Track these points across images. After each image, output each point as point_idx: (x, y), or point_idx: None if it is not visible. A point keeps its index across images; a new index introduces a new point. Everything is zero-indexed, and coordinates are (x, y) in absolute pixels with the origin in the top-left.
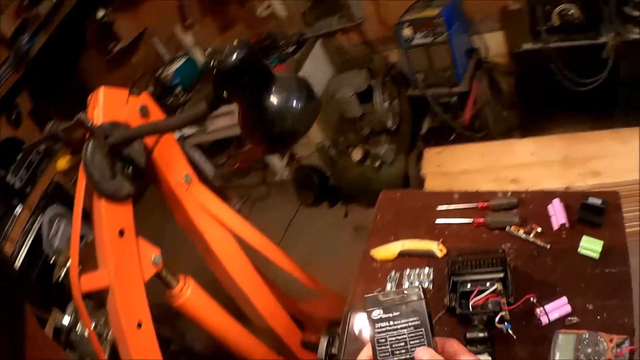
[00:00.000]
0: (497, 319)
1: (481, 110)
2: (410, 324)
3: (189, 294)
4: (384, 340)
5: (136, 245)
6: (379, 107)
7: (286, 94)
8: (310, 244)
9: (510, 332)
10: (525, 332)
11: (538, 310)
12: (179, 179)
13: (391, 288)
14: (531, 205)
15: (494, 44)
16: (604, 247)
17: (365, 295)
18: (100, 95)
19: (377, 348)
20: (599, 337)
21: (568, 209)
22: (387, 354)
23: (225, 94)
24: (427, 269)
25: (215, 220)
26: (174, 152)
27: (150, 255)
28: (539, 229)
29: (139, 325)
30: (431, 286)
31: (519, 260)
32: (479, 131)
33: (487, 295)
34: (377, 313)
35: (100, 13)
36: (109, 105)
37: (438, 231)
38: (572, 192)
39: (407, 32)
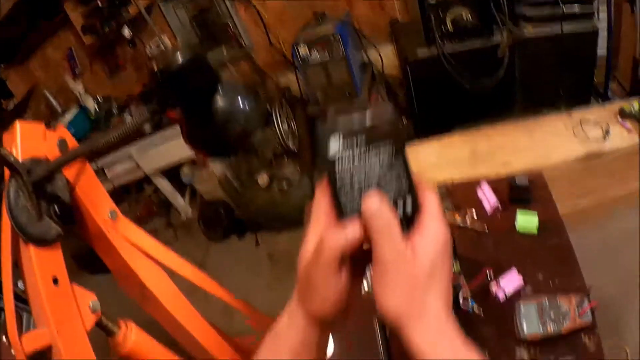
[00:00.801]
0: (461, 300)
1: None
2: (382, 153)
3: (134, 339)
4: (348, 184)
5: (72, 293)
6: (279, 130)
7: (235, 95)
8: (230, 280)
9: (477, 310)
10: (486, 311)
11: (494, 288)
12: (105, 216)
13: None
14: (460, 193)
15: (384, 57)
16: (540, 222)
17: (316, 122)
18: (17, 130)
19: (340, 191)
20: (558, 301)
21: (496, 192)
22: (355, 202)
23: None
24: None
25: (146, 255)
26: (96, 187)
27: (88, 302)
28: (474, 213)
29: None
30: None
31: (461, 247)
32: None
33: None
34: (335, 146)
35: None
36: (27, 141)
37: None
38: (497, 178)
39: (303, 51)
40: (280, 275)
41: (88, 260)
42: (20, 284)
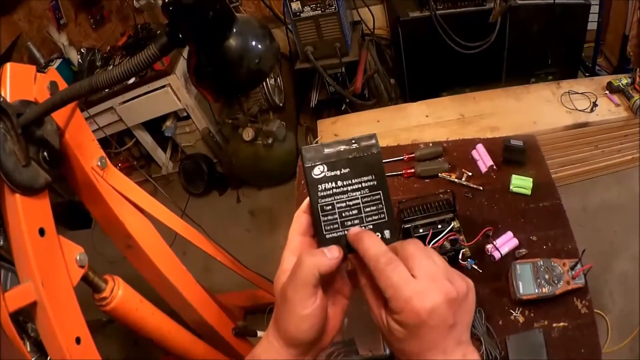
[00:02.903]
0: (460, 256)
1: (371, 78)
2: (364, 184)
3: (120, 295)
4: (330, 207)
5: (59, 245)
6: (266, 85)
7: (250, 32)
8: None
9: (475, 267)
10: (481, 269)
11: (489, 247)
12: (94, 163)
13: None
14: (455, 152)
15: (375, 17)
16: (533, 183)
17: (302, 147)
18: (8, 71)
19: (322, 218)
20: (552, 263)
21: (490, 153)
22: (336, 225)
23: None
24: None
25: (134, 206)
26: (86, 134)
27: (75, 254)
28: (470, 173)
29: (78, 340)
30: None
31: (457, 205)
32: (369, 99)
33: (446, 235)
34: (320, 170)
35: None
36: (17, 83)
37: None
38: (491, 139)
39: (295, 5)
40: (260, 231)
41: (67, 216)
42: (0, 240)
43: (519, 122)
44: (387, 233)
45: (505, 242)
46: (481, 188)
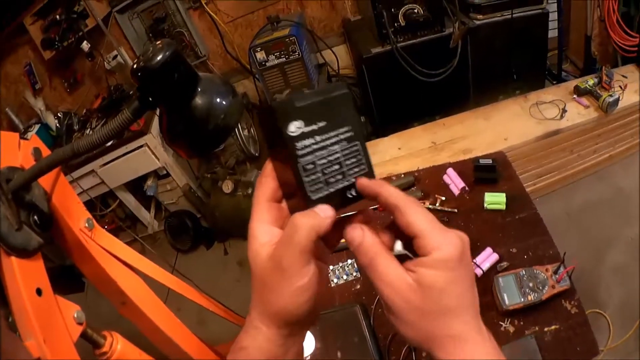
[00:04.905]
0: None
1: None
2: (342, 137)
3: (119, 349)
4: (312, 165)
5: (56, 304)
6: (240, 136)
7: (214, 90)
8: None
9: None
10: None
11: None
12: (82, 225)
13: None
14: (427, 180)
15: (339, 57)
16: (507, 198)
17: (272, 103)
18: None
19: (305, 178)
20: (535, 271)
21: (462, 175)
22: (320, 184)
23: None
24: (349, 260)
25: (124, 264)
26: (71, 197)
27: (72, 312)
28: (443, 198)
29: None
30: (359, 275)
31: None
32: None
33: None
34: (295, 127)
35: None
36: (3, 150)
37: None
38: (461, 161)
39: (260, 55)
40: (250, 280)
41: (59, 280)
42: None
43: (490, 140)
44: None
45: (486, 258)
46: (456, 210)
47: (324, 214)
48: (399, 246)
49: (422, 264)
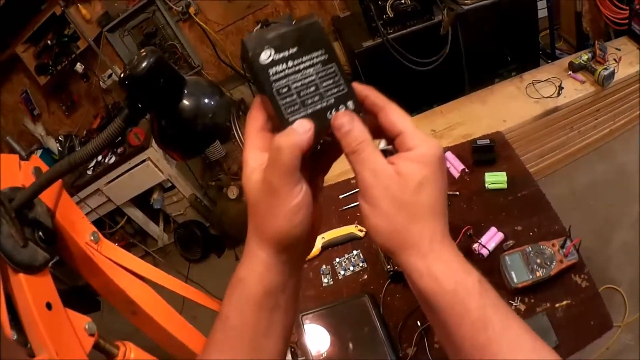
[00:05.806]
0: None
1: None
2: (316, 60)
3: (133, 358)
4: (286, 89)
5: (67, 317)
6: (241, 141)
7: (200, 91)
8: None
9: None
10: None
11: (476, 246)
12: (87, 239)
13: (328, 282)
14: None
15: None
16: (507, 177)
17: (242, 39)
18: None
19: (280, 101)
20: (541, 246)
21: (460, 158)
22: (296, 106)
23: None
24: (354, 252)
25: (132, 274)
26: (75, 212)
27: (83, 324)
28: None
29: None
30: (365, 265)
31: None
32: None
33: None
34: (267, 55)
35: None
36: (4, 171)
37: (350, 216)
38: (459, 144)
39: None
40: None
41: (73, 301)
42: None
43: (489, 124)
44: (350, 104)
45: (491, 238)
46: (457, 193)
47: (302, 129)
48: (383, 143)
49: (402, 157)
